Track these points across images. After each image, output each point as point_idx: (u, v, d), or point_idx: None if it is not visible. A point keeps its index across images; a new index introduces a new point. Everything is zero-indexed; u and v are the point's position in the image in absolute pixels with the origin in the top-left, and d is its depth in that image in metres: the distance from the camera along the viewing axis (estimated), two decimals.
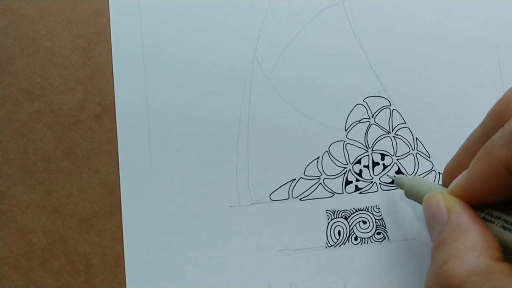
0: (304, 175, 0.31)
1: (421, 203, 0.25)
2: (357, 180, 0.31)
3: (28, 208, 0.29)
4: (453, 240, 0.21)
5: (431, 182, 0.27)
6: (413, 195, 0.27)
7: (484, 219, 0.22)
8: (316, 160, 0.31)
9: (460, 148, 0.26)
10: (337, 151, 0.31)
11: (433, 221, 0.23)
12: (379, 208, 0.31)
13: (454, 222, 0.22)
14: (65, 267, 0.29)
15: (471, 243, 0.20)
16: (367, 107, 0.32)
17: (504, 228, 0.21)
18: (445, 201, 0.23)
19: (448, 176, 0.26)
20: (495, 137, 0.21)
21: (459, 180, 0.23)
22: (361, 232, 0.31)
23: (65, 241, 0.29)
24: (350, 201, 0.31)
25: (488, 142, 0.21)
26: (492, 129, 0.22)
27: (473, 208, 0.22)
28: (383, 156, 0.31)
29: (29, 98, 0.30)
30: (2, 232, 0.29)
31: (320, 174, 0.31)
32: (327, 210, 0.31)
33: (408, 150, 0.31)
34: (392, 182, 0.31)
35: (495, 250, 0.20)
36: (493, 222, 0.21)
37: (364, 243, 0.30)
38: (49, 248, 0.29)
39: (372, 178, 0.31)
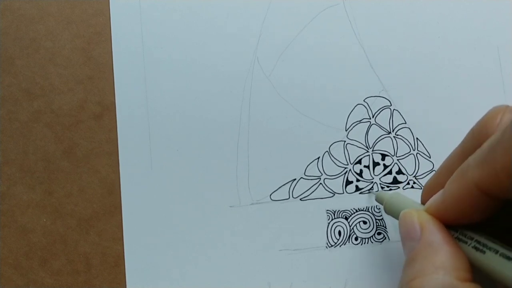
0: (305, 175, 0.31)
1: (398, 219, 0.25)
2: (358, 180, 0.31)
3: (28, 208, 0.29)
4: (423, 257, 0.21)
5: (410, 199, 0.27)
6: (391, 211, 0.27)
7: (458, 239, 0.22)
8: (317, 160, 0.31)
9: (440, 166, 0.26)
10: (337, 151, 0.31)
11: (406, 238, 0.23)
12: (379, 208, 0.31)
13: (426, 240, 0.22)
14: (65, 267, 0.29)
15: (440, 262, 0.20)
16: (368, 107, 0.32)
17: (476, 248, 0.21)
18: (420, 218, 0.23)
19: (427, 193, 0.26)
20: (471, 158, 0.21)
21: (434, 199, 0.23)
22: (362, 232, 0.31)
23: (65, 241, 0.29)
24: (350, 201, 0.31)
25: (464, 163, 0.21)
26: (471, 149, 0.22)
27: (448, 227, 0.22)
28: (383, 156, 0.31)
29: (29, 98, 0.30)
30: (2, 232, 0.29)
31: (320, 174, 0.31)
32: (327, 210, 0.31)
33: (409, 150, 0.31)
34: (392, 183, 0.31)
35: (464, 271, 0.20)
36: (466, 243, 0.21)
37: (365, 243, 0.30)
38: (49, 248, 0.29)
39: (373, 178, 0.31)
